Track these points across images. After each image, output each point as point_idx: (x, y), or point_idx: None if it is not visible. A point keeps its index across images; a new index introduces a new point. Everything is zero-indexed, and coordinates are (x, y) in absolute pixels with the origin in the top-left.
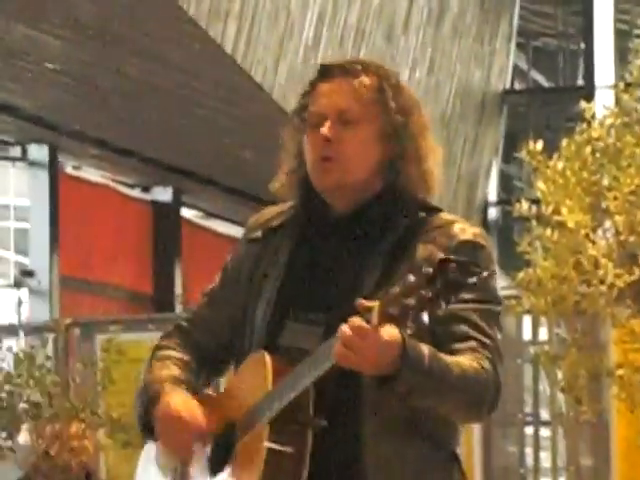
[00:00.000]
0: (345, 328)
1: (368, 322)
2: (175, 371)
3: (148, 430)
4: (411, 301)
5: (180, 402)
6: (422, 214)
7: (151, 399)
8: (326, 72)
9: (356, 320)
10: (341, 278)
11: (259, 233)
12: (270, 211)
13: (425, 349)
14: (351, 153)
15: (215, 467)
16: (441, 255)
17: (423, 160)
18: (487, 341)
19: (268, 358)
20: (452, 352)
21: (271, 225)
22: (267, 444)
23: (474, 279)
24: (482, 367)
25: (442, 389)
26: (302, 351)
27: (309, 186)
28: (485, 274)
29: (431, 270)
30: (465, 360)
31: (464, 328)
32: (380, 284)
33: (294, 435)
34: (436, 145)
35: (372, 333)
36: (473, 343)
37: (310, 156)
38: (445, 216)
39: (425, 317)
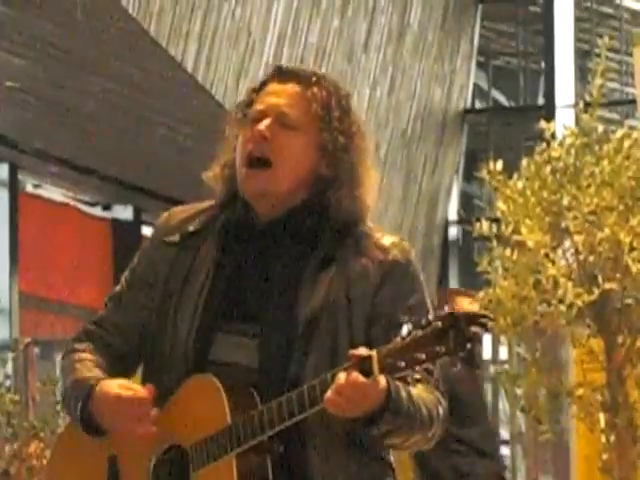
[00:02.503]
0: (342, 379)
1: (364, 371)
2: (99, 373)
3: (90, 427)
4: (421, 355)
5: (114, 384)
6: (346, 223)
7: (86, 395)
8: (280, 74)
9: (355, 374)
10: (272, 289)
11: (176, 237)
12: (183, 212)
13: (402, 391)
14: (285, 155)
15: None
16: (448, 308)
17: (356, 185)
18: (433, 369)
19: (221, 388)
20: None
21: (188, 229)
22: None
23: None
24: (438, 400)
25: (414, 428)
26: (237, 366)
27: (235, 185)
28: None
29: (440, 324)
30: (424, 394)
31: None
32: (312, 298)
33: (256, 464)
34: (374, 175)
35: (367, 386)
36: (419, 374)
37: (241, 150)
38: (370, 225)
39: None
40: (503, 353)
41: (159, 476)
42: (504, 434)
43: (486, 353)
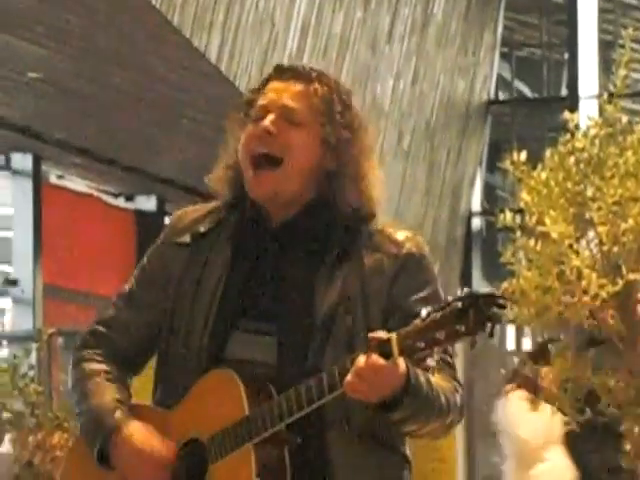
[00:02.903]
0: (362, 362)
1: (384, 354)
2: (115, 393)
3: (104, 461)
4: (441, 335)
5: (139, 436)
6: (357, 220)
7: (106, 435)
8: (280, 72)
9: (374, 357)
10: (288, 287)
11: (187, 238)
12: (194, 212)
13: (421, 376)
14: (293, 151)
15: None
16: (467, 289)
17: (361, 178)
18: (450, 360)
19: (239, 380)
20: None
21: (199, 230)
22: None
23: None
24: (455, 389)
25: (432, 414)
26: (254, 362)
27: (242, 185)
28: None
29: (460, 305)
30: (442, 382)
31: None
32: (328, 294)
33: (274, 454)
34: (378, 169)
35: (387, 368)
36: (436, 358)
37: (245, 150)
38: (381, 220)
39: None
40: (527, 344)
41: (177, 471)
42: None
43: (510, 344)
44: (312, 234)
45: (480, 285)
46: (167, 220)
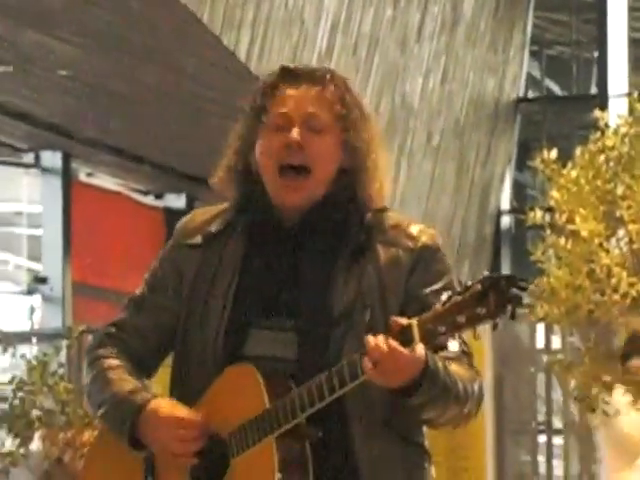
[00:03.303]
0: (375, 347)
1: (405, 340)
2: (135, 381)
3: (136, 444)
4: (462, 319)
5: (166, 407)
6: (371, 214)
7: (134, 412)
8: (291, 76)
9: (394, 343)
10: (305, 284)
11: (198, 239)
12: (203, 214)
13: (439, 362)
14: (321, 160)
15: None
16: (486, 272)
17: (374, 172)
18: (466, 348)
19: (259, 375)
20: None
21: (210, 230)
22: (278, 475)
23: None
24: (474, 378)
25: (449, 401)
26: (273, 358)
27: (251, 187)
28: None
29: (480, 288)
30: (460, 370)
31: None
32: (346, 290)
33: (296, 449)
34: (385, 155)
35: (408, 354)
36: (456, 348)
37: (270, 161)
38: (394, 215)
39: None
40: (556, 342)
41: (198, 468)
42: (557, 423)
43: (539, 342)
44: (327, 230)
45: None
46: None
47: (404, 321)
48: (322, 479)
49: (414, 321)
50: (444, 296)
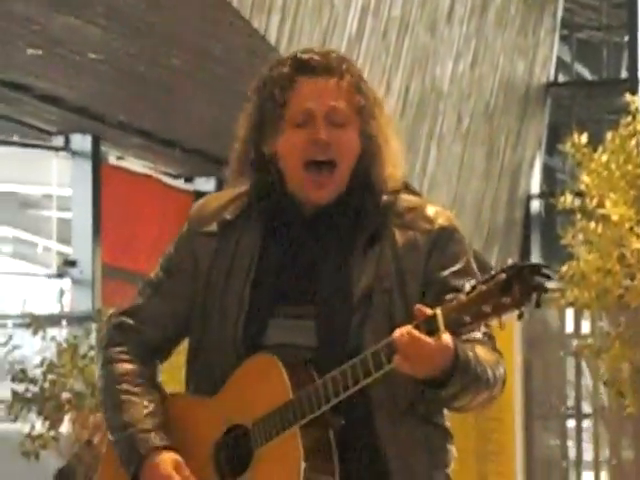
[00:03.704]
0: (402, 338)
1: (430, 330)
2: (146, 407)
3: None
4: (487, 308)
5: (164, 467)
6: (386, 197)
7: (139, 459)
8: (306, 68)
9: (415, 332)
10: (323, 271)
11: (214, 227)
12: (217, 200)
13: (469, 351)
14: (345, 154)
15: (230, 470)
16: (507, 259)
17: (390, 155)
18: (490, 331)
19: (281, 364)
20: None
21: (226, 218)
22: (304, 464)
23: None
24: (498, 361)
25: (480, 388)
26: (293, 346)
27: (266, 177)
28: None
29: (504, 277)
30: (486, 354)
31: None
32: (364, 274)
33: (320, 437)
34: (398, 137)
35: (433, 343)
36: (479, 334)
37: (295, 157)
38: (408, 197)
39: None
40: (586, 327)
41: (221, 459)
42: (586, 408)
43: (569, 327)
44: (345, 217)
45: None
46: None
47: (429, 311)
48: (347, 466)
49: (439, 310)
50: (468, 286)
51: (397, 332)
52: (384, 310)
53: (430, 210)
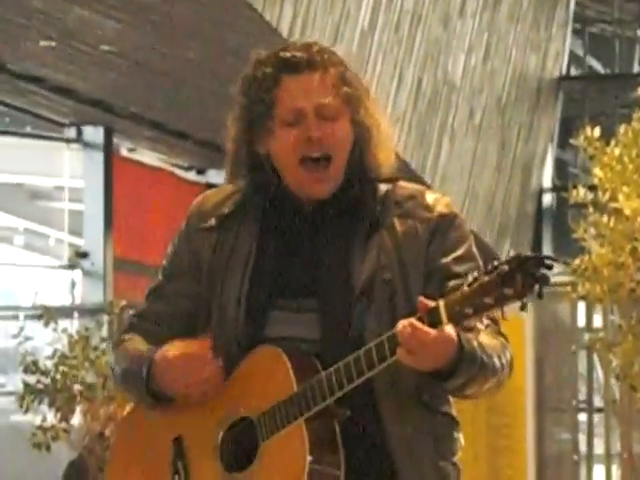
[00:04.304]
0: (405, 330)
1: (433, 322)
2: (152, 347)
3: (157, 398)
4: (489, 299)
5: (175, 346)
6: (384, 186)
7: (147, 363)
8: (291, 66)
9: (418, 324)
10: (323, 263)
11: (212, 222)
12: (215, 196)
13: (473, 340)
14: (340, 146)
15: (236, 463)
16: (513, 252)
17: (381, 141)
18: (495, 316)
19: (285, 356)
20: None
21: (223, 212)
22: (309, 457)
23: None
24: (504, 345)
25: (488, 377)
26: (296, 339)
27: (262, 175)
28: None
29: (507, 268)
30: (491, 341)
31: None
32: (365, 265)
33: (325, 429)
34: (388, 120)
35: (436, 336)
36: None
37: (290, 155)
38: (406, 184)
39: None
40: (598, 321)
41: (227, 451)
42: (598, 402)
43: (580, 321)
44: (345, 208)
45: None
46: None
47: (431, 303)
48: (353, 458)
49: (441, 302)
50: (470, 277)
51: (400, 325)
52: (386, 301)
53: (429, 198)
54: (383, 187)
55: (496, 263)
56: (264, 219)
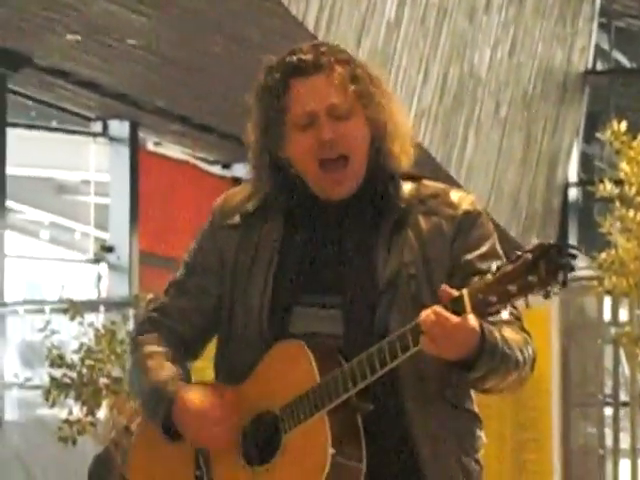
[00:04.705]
0: (428, 317)
1: (457, 311)
2: (172, 369)
3: (170, 433)
4: (513, 288)
5: (197, 397)
6: (408, 185)
7: (167, 402)
8: (298, 70)
9: (443, 312)
10: (348, 260)
11: (237, 219)
12: (239, 194)
13: (496, 332)
14: (355, 146)
15: (258, 456)
16: (536, 241)
17: (398, 133)
18: (516, 312)
19: (308, 349)
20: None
21: (248, 209)
22: (331, 450)
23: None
24: (527, 341)
25: (509, 369)
26: (320, 335)
27: (285, 178)
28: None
29: (531, 256)
30: (514, 335)
31: None
32: (390, 261)
33: (348, 422)
34: (404, 111)
35: (460, 324)
36: (506, 315)
37: (308, 159)
38: (430, 183)
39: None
40: (624, 315)
41: (250, 445)
42: (624, 396)
43: (606, 315)
44: (369, 205)
45: None
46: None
47: (455, 292)
48: (376, 452)
49: (465, 291)
50: (494, 266)
51: (423, 313)
52: (410, 296)
53: (454, 196)
54: (407, 185)
55: (519, 252)
56: (288, 217)
